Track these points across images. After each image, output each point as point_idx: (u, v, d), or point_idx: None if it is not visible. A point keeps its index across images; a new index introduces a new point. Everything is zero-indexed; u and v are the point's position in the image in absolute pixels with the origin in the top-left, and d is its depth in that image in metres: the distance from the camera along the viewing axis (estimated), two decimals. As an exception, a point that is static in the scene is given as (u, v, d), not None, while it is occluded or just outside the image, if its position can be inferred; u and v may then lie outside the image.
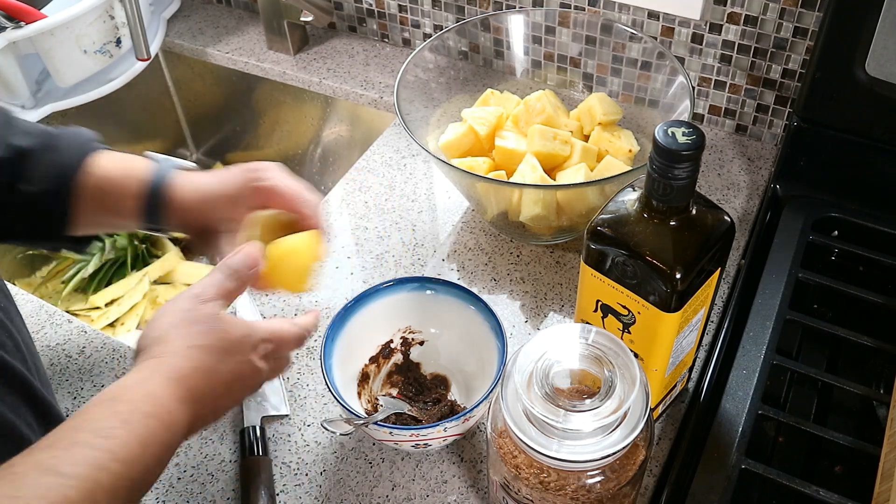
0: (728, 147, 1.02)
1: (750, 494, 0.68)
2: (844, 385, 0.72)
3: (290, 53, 1.20)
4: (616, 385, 0.51)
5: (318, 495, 0.70)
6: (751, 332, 0.75)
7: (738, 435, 0.68)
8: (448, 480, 0.71)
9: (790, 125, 0.89)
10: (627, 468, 0.54)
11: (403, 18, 1.17)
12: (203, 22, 1.30)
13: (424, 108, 0.93)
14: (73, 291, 1.14)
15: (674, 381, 0.69)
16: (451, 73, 0.97)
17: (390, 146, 1.06)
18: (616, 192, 0.62)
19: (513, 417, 0.52)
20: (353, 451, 0.73)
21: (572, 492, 0.53)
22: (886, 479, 0.62)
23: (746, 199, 0.94)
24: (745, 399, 0.70)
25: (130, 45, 1.09)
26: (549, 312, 0.84)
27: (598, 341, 0.54)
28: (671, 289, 0.57)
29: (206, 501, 0.70)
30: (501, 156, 0.88)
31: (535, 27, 1.01)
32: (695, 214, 0.59)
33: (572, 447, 0.51)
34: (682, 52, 0.99)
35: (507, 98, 0.94)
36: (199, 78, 1.31)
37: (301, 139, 1.28)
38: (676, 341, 0.62)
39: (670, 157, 0.54)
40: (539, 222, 0.84)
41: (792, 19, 0.90)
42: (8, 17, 0.99)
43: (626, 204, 0.60)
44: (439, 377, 0.77)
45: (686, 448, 0.70)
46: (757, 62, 0.95)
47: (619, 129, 0.91)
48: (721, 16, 0.93)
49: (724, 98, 1.01)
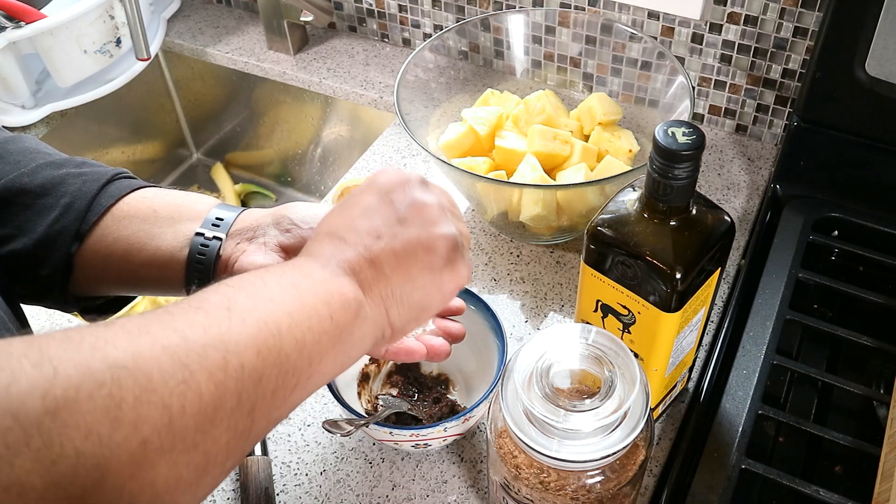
0: (728, 147, 1.02)
1: (750, 494, 0.68)
2: (844, 385, 0.72)
3: (290, 53, 1.20)
4: (616, 385, 0.51)
5: (318, 495, 0.70)
6: (751, 332, 0.75)
7: (738, 435, 0.68)
8: (448, 480, 0.71)
9: (790, 125, 0.89)
10: (627, 468, 0.54)
11: (403, 18, 1.17)
12: (203, 22, 1.30)
13: (424, 108, 0.93)
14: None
15: (674, 381, 0.69)
16: (451, 73, 0.97)
17: (390, 146, 1.06)
18: (616, 192, 0.62)
19: (513, 417, 0.52)
20: (353, 451, 0.73)
21: (572, 492, 0.53)
22: (886, 479, 0.62)
23: (746, 199, 0.94)
24: (745, 399, 0.70)
25: (130, 45, 1.09)
26: (549, 312, 0.84)
27: (599, 341, 0.54)
28: (671, 289, 0.57)
29: (206, 501, 0.70)
30: (501, 156, 0.88)
31: (535, 27, 1.01)
32: (695, 214, 0.59)
33: (572, 447, 0.51)
34: (682, 52, 0.99)
35: (507, 98, 0.94)
36: (199, 78, 1.31)
37: (301, 139, 1.28)
38: (676, 341, 0.62)
39: (670, 157, 0.54)
40: (539, 222, 0.84)
41: (792, 19, 0.90)
42: (8, 17, 0.99)
43: (626, 204, 0.60)
44: (439, 377, 0.77)
45: (686, 448, 0.70)
46: (757, 62, 0.95)
47: (619, 129, 0.91)
48: (721, 16, 0.93)
49: (724, 98, 1.01)
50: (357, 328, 0.45)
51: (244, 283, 0.42)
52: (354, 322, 0.45)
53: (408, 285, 0.48)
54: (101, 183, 0.60)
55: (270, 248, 0.57)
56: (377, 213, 0.49)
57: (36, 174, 0.59)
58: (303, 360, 0.41)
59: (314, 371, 0.42)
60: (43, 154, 0.61)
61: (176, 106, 1.37)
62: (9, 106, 1.08)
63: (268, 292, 0.42)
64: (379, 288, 0.47)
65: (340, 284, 0.45)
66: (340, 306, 0.44)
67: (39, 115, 1.09)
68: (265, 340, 0.39)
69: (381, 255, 0.47)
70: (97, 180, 0.59)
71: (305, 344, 0.41)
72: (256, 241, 0.58)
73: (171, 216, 0.59)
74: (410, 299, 0.48)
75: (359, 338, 0.46)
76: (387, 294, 0.47)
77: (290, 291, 0.42)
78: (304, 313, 0.42)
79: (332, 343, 0.43)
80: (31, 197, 0.58)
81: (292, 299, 0.42)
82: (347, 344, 0.45)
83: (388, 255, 0.47)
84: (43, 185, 0.59)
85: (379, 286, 0.47)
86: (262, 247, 0.57)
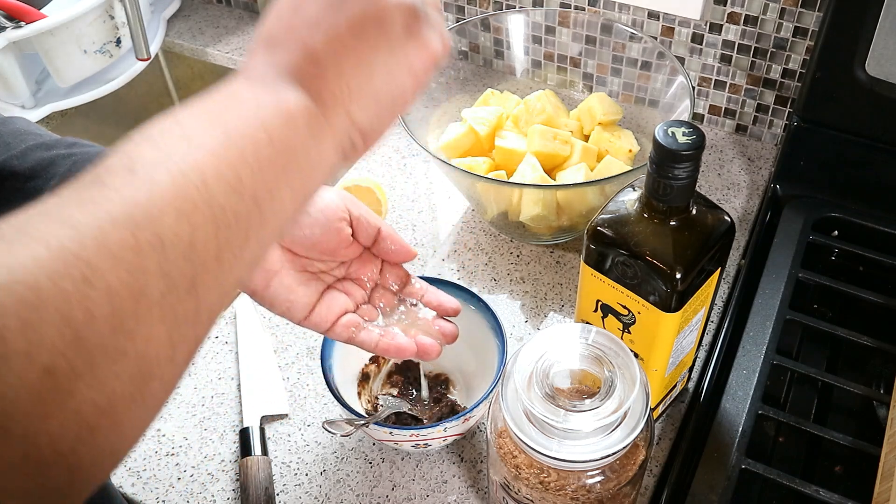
0: (728, 147, 1.02)
1: (750, 494, 0.68)
2: (844, 385, 0.72)
3: (290, 53, 1.20)
4: (616, 385, 0.51)
5: (318, 495, 0.70)
6: (751, 332, 0.75)
7: (738, 435, 0.68)
8: (448, 480, 0.71)
9: (790, 125, 0.89)
10: (627, 468, 0.54)
11: (403, 18, 1.16)
12: (203, 22, 1.30)
13: (424, 108, 0.93)
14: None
15: (674, 381, 0.69)
16: (451, 73, 0.97)
17: (390, 146, 1.06)
18: (616, 192, 0.62)
19: (513, 417, 0.52)
20: (353, 451, 0.73)
21: (572, 492, 0.53)
22: (886, 479, 0.62)
23: (746, 199, 0.94)
24: (745, 399, 0.70)
25: (130, 45, 1.09)
26: (549, 312, 0.84)
27: (598, 341, 0.54)
28: (671, 289, 0.57)
29: (206, 501, 0.70)
30: (501, 156, 0.88)
31: (535, 27, 1.01)
32: (695, 214, 0.59)
33: (572, 447, 0.51)
34: (682, 52, 0.99)
35: (507, 98, 0.94)
36: (199, 78, 1.31)
37: (301, 139, 1.28)
38: (676, 341, 0.62)
39: (670, 157, 0.54)
40: (539, 222, 0.84)
41: (792, 19, 0.90)
42: (8, 17, 0.99)
43: (626, 204, 0.60)
44: (439, 377, 0.77)
45: (686, 448, 0.70)
46: (757, 62, 0.95)
47: (619, 129, 0.91)
48: (721, 16, 0.93)
49: (724, 98, 1.01)
50: (312, 144, 0.38)
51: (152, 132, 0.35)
52: (306, 137, 0.37)
53: (364, 72, 0.39)
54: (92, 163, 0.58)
55: None
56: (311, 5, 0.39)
57: (26, 156, 0.57)
58: (245, 205, 0.34)
59: (268, 211, 0.35)
60: (33, 135, 0.60)
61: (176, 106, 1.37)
62: (9, 106, 1.08)
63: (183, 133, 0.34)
64: (329, 86, 0.38)
65: (277, 97, 0.37)
66: (282, 124, 0.36)
67: (39, 115, 1.09)
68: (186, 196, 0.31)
69: (323, 45, 0.38)
70: (87, 160, 0.58)
71: (245, 184, 0.34)
72: None
73: None
74: (373, 88, 0.40)
75: (318, 155, 0.38)
76: (341, 90, 0.39)
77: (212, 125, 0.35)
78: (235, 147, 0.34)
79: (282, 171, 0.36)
80: (21, 180, 0.56)
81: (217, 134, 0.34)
82: (305, 166, 0.37)
83: (332, 42, 0.39)
84: (33, 167, 0.57)
85: (329, 84, 0.38)
86: None
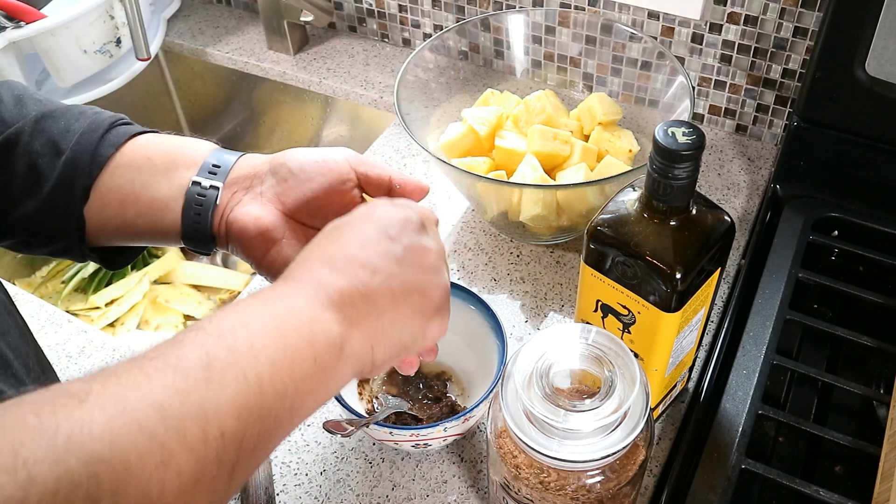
0: (728, 147, 1.02)
1: (750, 494, 0.68)
2: (844, 385, 0.72)
3: (290, 53, 1.20)
4: (616, 385, 0.51)
5: (318, 495, 0.70)
6: (751, 332, 0.75)
7: (738, 435, 0.68)
8: (448, 480, 0.71)
9: (790, 125, 0.89)
10: (627, 468, 0.54)
11: (403, 18, 1.17)
12: (203, 22, 1.30)
13: (424, 108, 0.93)
14: (73, 291, 1.14)
15: (674, 381, 0.69)
16: (451, 73, 0.97)
17: (390, 146, 1.06)
18: (616, 192, 0.62)
19: (513, 417, 0.52)
20: (353, 451, 0.73)
21: (572, 492, 0.53)
22: (886, 479, 0.62)
23: (746, 199, 0.94)
24: (745, 399, 0.70)
25: (130, 45, 1.09)
26: (549, 312, 0.84)
27: (598, 341, 0.54)
28: (671, 289, 0.57)
29: (206, 501, 0.70)
30: (501, 156, 0.88)
31: (535, 27, 1.01)
32: (695, 214, 0.59)
33: (572, 447, 0.51)
34: (682, 52, 0.99)
35: (507, 98, 0.94)
36: (199, 78, 1.31)
37: (301, 139, 1.28)
38: (676, 341, 0.62)
39: (670, 157, 0.54)
40: (539, 222, 0.84)
41: (792, 19, 0.90)
42: (8, 17, 0.99)
43: (626, 204, 0.60)
44: (439, 376, 0.77)
45: (686, 448, 0.70)
46: (757, 62, 0.95)
47: (619, 129, 0.91)
48: (721, 16, 0.93)
49: (724, 98, 1.01)
50: (340, 368, 0.44)
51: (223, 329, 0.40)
52: (338, 361, 0.43)
53: (398, 325, 0.47)
54: (100, 133, 0.58)
55: (267, 198, 0.57)
56: (374, 248, 0.47)
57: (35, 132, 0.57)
58: (285, 410, 0.40)
59: (296, 415, 0.41)
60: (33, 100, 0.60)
61: (176, 106, 1.37)
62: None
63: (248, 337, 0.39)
64: (370, 324, 0.45)
65: (327, 321, 0.43)
66: (325, 345, 0.42)
67: (39, 115, 1.09)
68: (246, 401, 0.37)
69: (378, 290, 0.46)
70: (95, 131, 0.58)
71: (288, 393, 0.40)
72: (253, 191, 0.57)
73: (165, 164, 0.58)
74: (397, 339, 0.47)
75: (341, 376, 0.44)
76: (376, 331, 0.46)
77: (272, 333, 0.40)
78: (288, 358, 0.40)
79: (315, 385, 0.42)
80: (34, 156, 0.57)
81: (275, 343, 0.40)
82: (331, 383, 0.43)
83: (385, 291, 0.46)
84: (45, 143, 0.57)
85: (370, 322, 0.45)
86: (258, 197, 0.57)
